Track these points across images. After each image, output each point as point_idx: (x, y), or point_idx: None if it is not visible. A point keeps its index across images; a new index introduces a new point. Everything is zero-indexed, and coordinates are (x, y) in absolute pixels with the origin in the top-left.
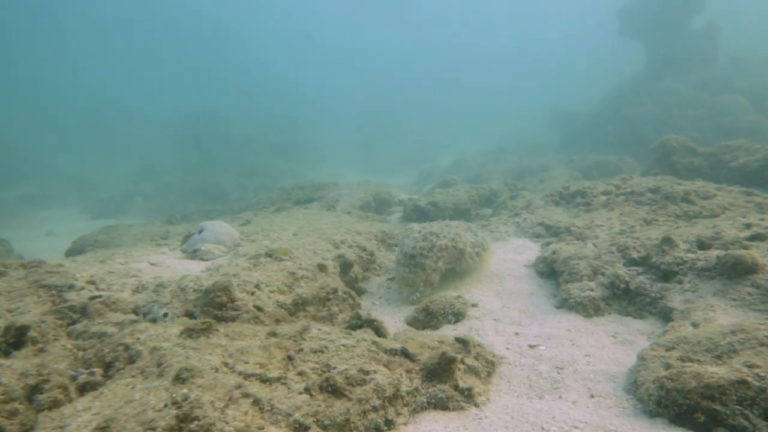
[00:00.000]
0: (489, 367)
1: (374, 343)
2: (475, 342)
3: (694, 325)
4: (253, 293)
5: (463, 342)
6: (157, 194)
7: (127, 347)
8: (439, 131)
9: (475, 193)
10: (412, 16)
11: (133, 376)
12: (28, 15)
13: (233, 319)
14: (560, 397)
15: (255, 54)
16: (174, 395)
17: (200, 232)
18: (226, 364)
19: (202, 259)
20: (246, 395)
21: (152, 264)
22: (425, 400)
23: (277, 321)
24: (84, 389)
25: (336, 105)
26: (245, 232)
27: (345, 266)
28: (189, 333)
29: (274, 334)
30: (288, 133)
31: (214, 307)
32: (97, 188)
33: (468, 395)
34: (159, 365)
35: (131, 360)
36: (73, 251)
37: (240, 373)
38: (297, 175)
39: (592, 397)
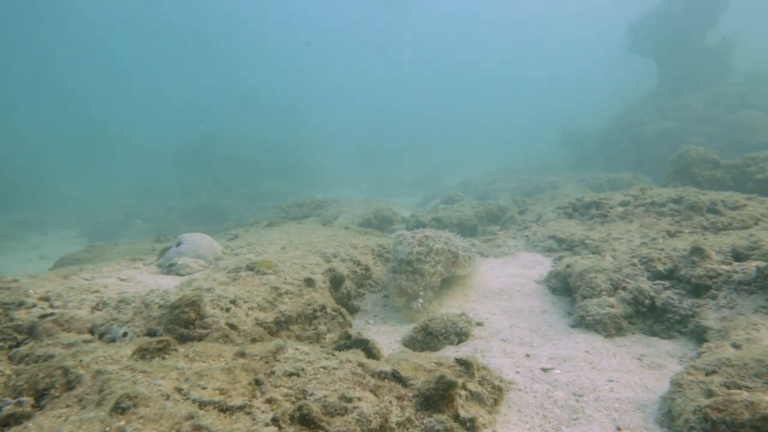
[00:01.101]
0: (496, 393)
1: (360, 365)
2: (480, 364)
3: (736, 346)
4: (228, 309)
5: (465, 364)
6: (156, 217)
7: (66, 371)
8: (445, 155)
9: (481, 209)
10: (414, 41)
11: (68, 406)
12: (28, 43)
13: (201, 339)
14: (580, 429)
15: (255, 74)
16: (107, 429)
17: (178, 245)
18: (179, 390)
19: (178, 274)
20: (197, 428)
21: (121, 279)
22: None
23: (254, 341)
24: (7, 424)
25: (339, 129)
26: (230, 246)
27: (336, 281)
28: (142, 354)
29: (242, 355)
30: (291, 156)
31: (179, 324)
32: (96, 212)
33: (471, 427)
34: (100, 392)
35: (70, 386)
36: None
37: (194, 401)
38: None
39: (619, 430)
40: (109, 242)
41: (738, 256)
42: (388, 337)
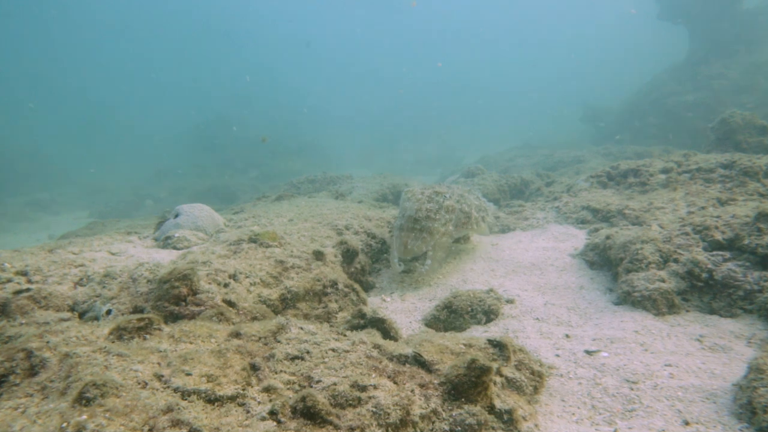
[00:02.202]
0: (535, 380)
1: (376, 347)
2: (516, 346)
3: None
4: (226, 285)
5: (499, 346)
6: (167, 197)
7: (29, 354)
8: (462, 133)
9: (504, 182)
10: (422, 17)
11: (29, 395)
12: (41, 24)
13: (193, 317)
14: (639, 423)
15: (263, 62)
16: (64, 425)
17: (176, 216)
18: (158, 377)
19: (175, 248)
20: (176, 423)
21: (112, 253)
22: (447, 427)
23: (255, 319)
24: None
25: (353, 110)
26: (234, 219)
27: (348, 255)
28: (119, 333)
29: (237, 335)
30: (304, 138)
31: (169, 301)
32: (107, 193)
33: (508, 420)
34: (67, 378)
35: (33, 371)
36: None
37: (176, 390)
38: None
39: (687, 424)
40: (113, 219)
41: None
42: (407, 317)
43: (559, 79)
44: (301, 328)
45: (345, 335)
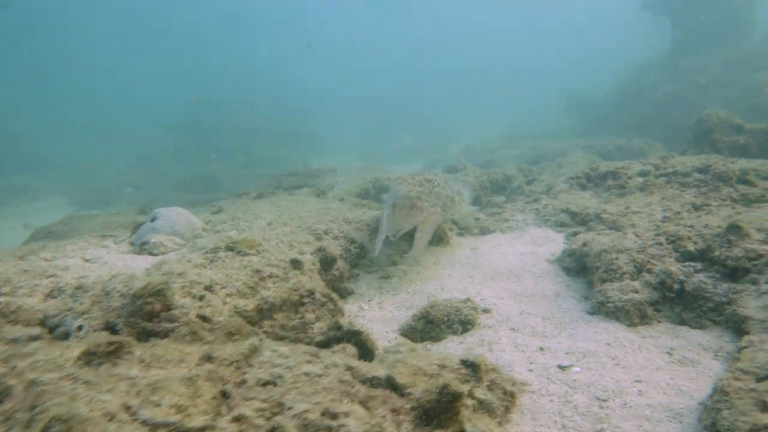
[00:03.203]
0: (507, 400)
1: (349, 369)
2: (489, 366)
3: None
4: (201, 297)
5: (472, 366)
6: (148, 184)
7: None
8: (447, 121)
9: (486, 178)
10: (411, 7)
11: None
12: (26, 8)
13: (166, 334)
14: None
15: (257, 47)
16: None
17: (152, 220)
18: (127, 408)
19: (151, 254)
20: None
21: (86, 260)
22: None
23: (230, 334)
24: None
25: (341, 95)
26: (212, 221)
27: (326, 262)
28: (88, 358)
29: (209, 359)
30: (294, 123)
31: (143, 317)
32: (87, 179)
33: None
34: (32, 409)
35: None
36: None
37: (144, 423)
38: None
39: None
40: (88, 213)
41: None
42: (384, 326)
43: (548, 69)
44: (274, 351)
45: (318, 356)
